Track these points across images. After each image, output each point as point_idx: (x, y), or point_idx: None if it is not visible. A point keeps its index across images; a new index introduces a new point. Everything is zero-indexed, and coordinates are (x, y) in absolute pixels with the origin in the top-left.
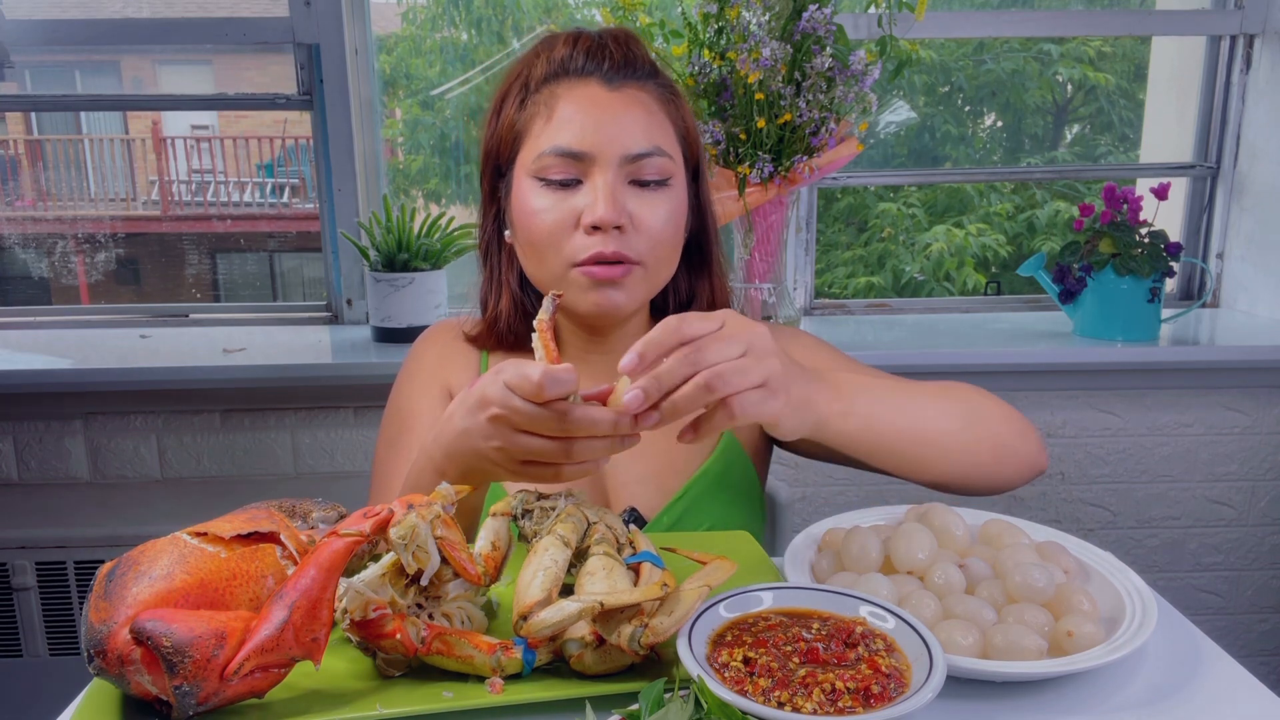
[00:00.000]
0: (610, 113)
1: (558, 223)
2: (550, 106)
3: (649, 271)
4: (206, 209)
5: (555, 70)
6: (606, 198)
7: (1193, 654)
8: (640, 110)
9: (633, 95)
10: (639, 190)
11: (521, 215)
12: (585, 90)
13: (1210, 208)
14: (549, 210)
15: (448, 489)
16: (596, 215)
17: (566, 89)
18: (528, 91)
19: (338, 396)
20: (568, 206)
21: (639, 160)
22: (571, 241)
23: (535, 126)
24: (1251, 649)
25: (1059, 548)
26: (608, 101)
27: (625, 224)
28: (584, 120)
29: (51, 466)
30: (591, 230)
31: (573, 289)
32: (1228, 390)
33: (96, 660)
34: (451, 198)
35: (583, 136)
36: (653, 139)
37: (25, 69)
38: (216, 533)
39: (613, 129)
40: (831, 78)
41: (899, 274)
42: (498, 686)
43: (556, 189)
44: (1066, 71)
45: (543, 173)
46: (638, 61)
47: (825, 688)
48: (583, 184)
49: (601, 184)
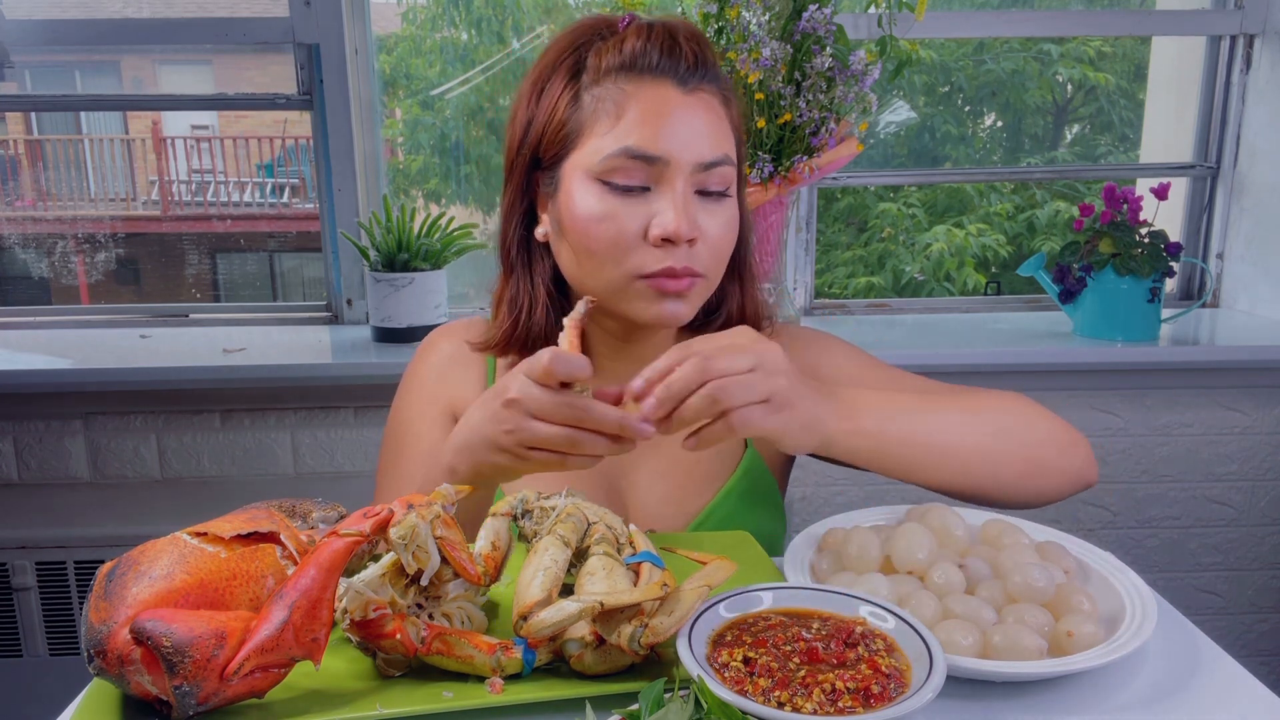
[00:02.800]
0: (685, 117)
1: (624, 233)
2: (619, 104)
3: (709, 283)
4: (206, 209)
5: (625, 64)
6: (680, 209)
7: (1193, 654)
8: (711, 115)
9: (704, 99)
10: (703, 200)
11: (577, 220)
12: (659, 90)
13: (1210, 208)
14: (613, 218)
15: (448, 489)
16: (670, 228)
17: (638, 87)
18: (582, 83)
19: (338, 396)
20: (634, 215)
21: (709, 169)
22: (637, 253)
23: (600, 124)
24: (1251, 649)
25: (1059, 548)
26: (682, 105)
27: (697, 237)
28: (657, 122)
29: (51, 466)
30: (661, 243)
31: (634, 299)
32: (1228, 390)
33: (96, 660)
34: (451, 198)
35: (656, 140)
36: (721, 147)
37: (25, 69)
38: (216, 533)
39: (687, 135)
40: (831, 78)
41: (899, 274)
42: (498, 686)
43: (621, 194)
44: (1066, 71)
45: (609, 175)
46: (709, 63)
47: (825, 688)
48: (650, 191)
49: (674, 194)
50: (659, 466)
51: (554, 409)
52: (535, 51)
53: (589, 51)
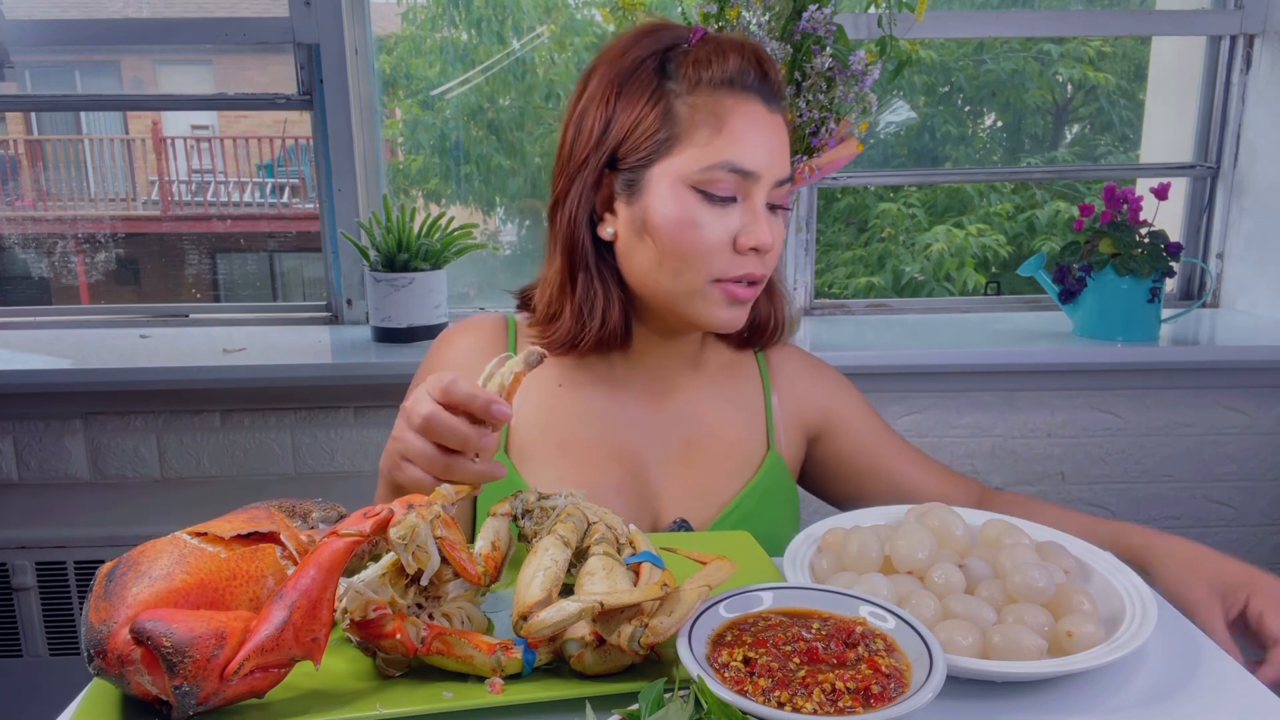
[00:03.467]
0: (772, 135)
1: (715, 239)
2: (719, 117)
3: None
4: (206, 209)
5: (727, 79)
6: (769, 221)
7: (1193, 654)
8: (785, 135)
9: (780, 120)
10: (770, 214)
11: (672, 224)
12: (752, 108)
13: (1210, 208)
14: (710, 226)
15: (448, 489)
16: (763, 239)
17: (736, 102)
18: (673, 90)
19: (338, 396)
20: (724, 224)
21: (782, 185)
22: (722, 258)
23: (699, 134)
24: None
25: (1059, 548)
26: (771, 123)
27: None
28: (755, 139)
29: (51, 466)
30: (748, 251)
31: (704, 302)
32: (1228, 390)
33: (96, 660)
34: (451, 198)
35: (754, 156)
36: (789, 165)
37: (25, 69)
38: (216, 533)
39: (775, 152)
40: (831, 78)
41: (899, 274)
42: (498, 686)
43: (715, 204)
44: (1066, 71)
45: (708, 185)
46: (781, 85)
47: (825, 688)
48: (736, 201)
49: (760, 206)
50: (688, 458)
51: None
52: (535, 51)
53: (673, 61)
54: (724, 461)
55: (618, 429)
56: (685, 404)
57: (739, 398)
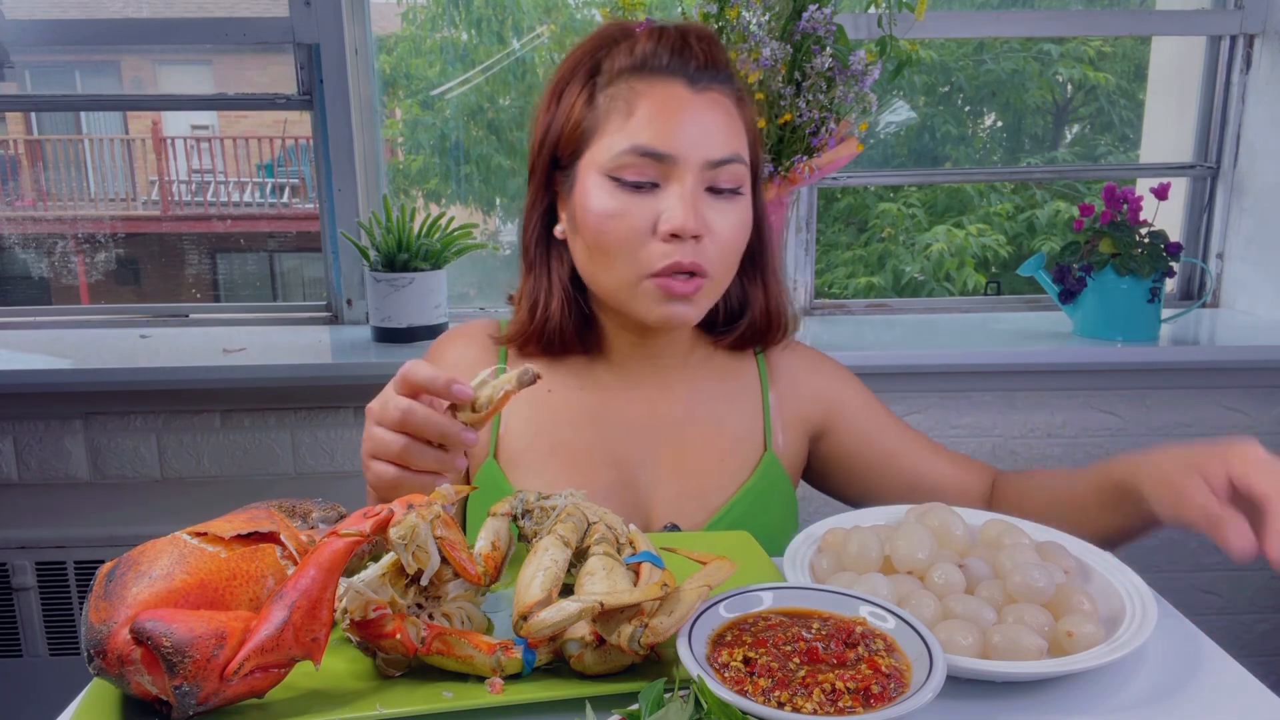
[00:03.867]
0: (694, 115)
1: (633, 228)
2: (630, 103)
3: (716, 284)
4: (206, 209)
5: (636, 65)
6: (687, 204)
7: (1193, 654)
8: (722, 114)
9: (714, 98)
10: (713, 198)
11: (590, 216)
12: (668, 89)
13: (1210, 208)
14: (624, 214)
15: (448, 489)
16: (677, 223)
17: (648, 86)
18: (598, 83)
19: (338, 396)
20: (644, 211)
21: (718, 167)
22: (646, 248)
23: (611, 122)
24: (1251, 649)
25: (1059, 548)
26: (692, 103)
27: (704, 233)
28: (666, 120)
29: (51, 466)
30: (669, 238)
31: (641, 299)
32: (1228, 390)
33: (96, 660)
34: (451, 198)
35: (666, 137)
36: (731, 145)
37: (25, 69)
38: (216, 533)
39: (696, 132)
40: (831, 78)
41: (899, 274)
42: (498, 686)
43: (631, 191)
44: (1066, 71)
45: (619, 172)
46: (720, 63)
47: (825, 688)
48: (659, 188)
49: (682, 190)
50: (681, 462)
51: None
52: (535, 51)
53: (606, 56)
54: (717, 464)
55: (608, 433)
56: (678, 406)
57: (735, 399)
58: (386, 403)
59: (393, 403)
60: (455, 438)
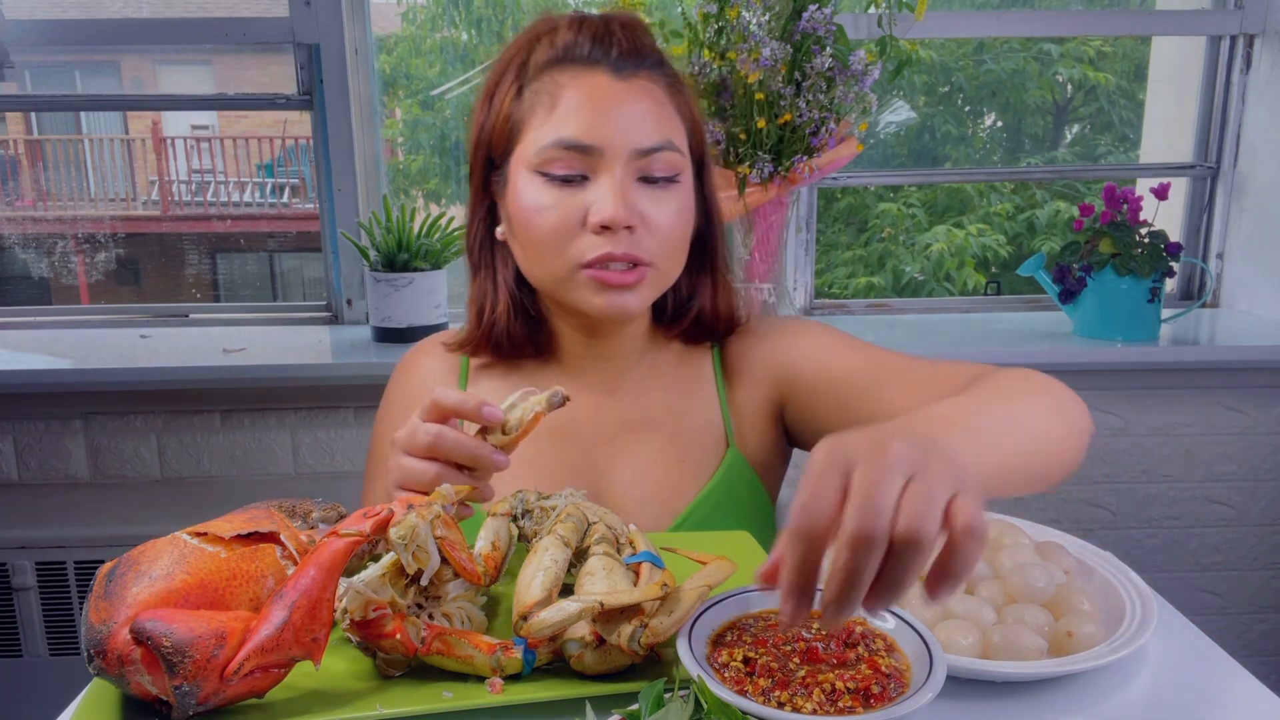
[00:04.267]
0: (619, 104)
1: (562, 221)
2: (553, 96)
3: (659, 273)
4: (206, 209)
5: (558, 56)
6: (615, 195)
7: (1193, 654)
8: (650, 102)
9: (642, 86)
10: (648, 187)
11: (521, 212)
12: (592, 79)
13: (1210, 208)
14: (552, 208)
15: (448, 489)
16: (606, 214)
17: (571, 77)
18: (525, 79)
19: (338, 396)
20: (573, 204)
21: (649, 155)
22: (578, 242)
23: (536, 117)
24: (1251, 649)
25: (1059, 548)
26: (616, 92)
27: (636, 223)
28: (591, 111)
29: (51, 466)
30: (600, 230)
31: (578, 290)
32: (1228, 390)
33: (96, 660)
34: (451, 198)
35: (590, 129)
36: (663, 133)
37: (25, 69)
38: (216, 533)
39: (622, 121)
40: (831, 78)
41: (899, 274)
42: (498, 686)
43: (560, 185)
44: (1066, 71)
45: (545, 167)
46: (646, 50)
47: (825, 688)
48: (589, 180)
49: (610, 181)
50: (640, 467)
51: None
52: None
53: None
54: (677, 466)
55: (564, 442)
56: (633, 408)
57: (692, 397)
58: (415, 430)
59: (422, 429)
60: (486, 460)
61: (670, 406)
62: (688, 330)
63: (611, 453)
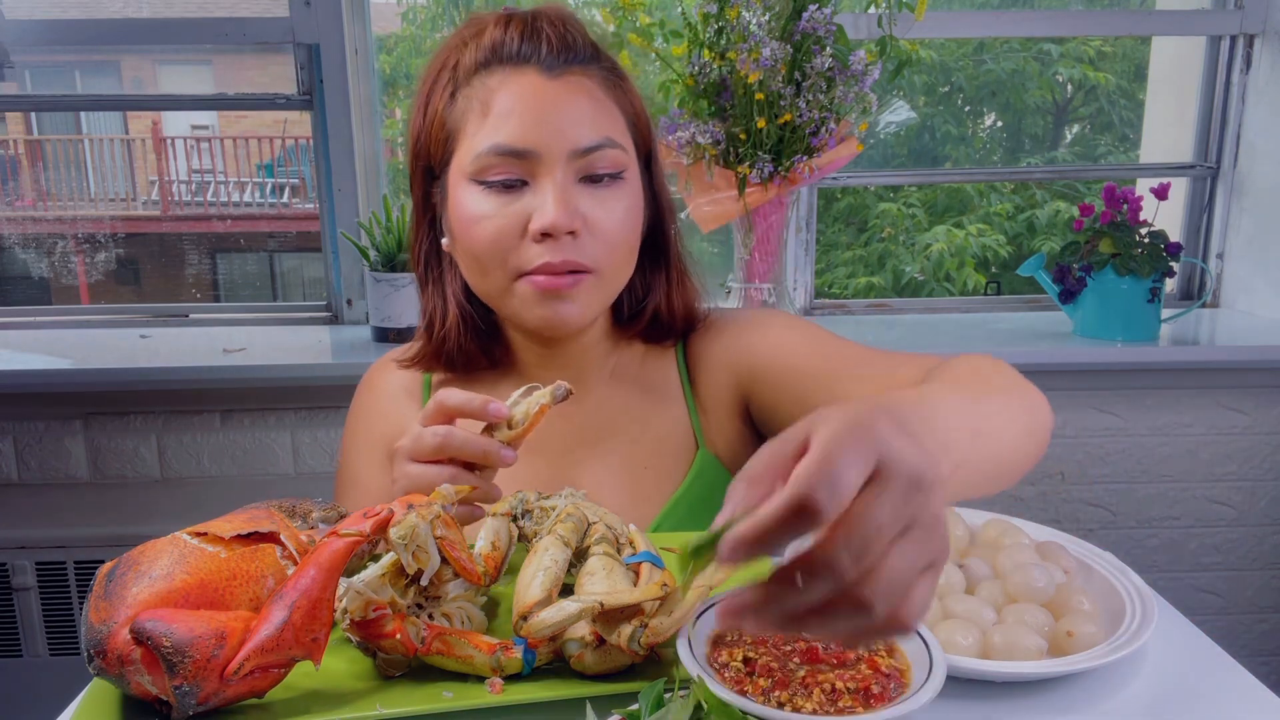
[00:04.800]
0: (553, 104)
1: (502, 230)
2: (484, 101)
3: (604, 279)
4: (206, 209)
5: (486, 58)
6: (556, 200)
7: (1193, 654)
8: (585, 99)
9: (576, 82)
10: (591, 187)
11: (461, 223)
12: (522, 80)
13: (1210, 208)
14: (491, 217)
15: (448, 489)
16: (546, 221)
17: (501, 80)
18: (457, 83)
19: (338, 396)
20: (513, 211)
21: (589, 154)
22: (519, 251)
23: (470, 124)
24: (1251, 649)
25: (1059, 548)
26: (549, 91)
27: (579, 227)
28: (524, 114)
29: (51, 466)
30: (541, 237)
31: (518, 301)
32: (1228, 390)
33: (96, 660)
34: None
35: (524, 132)
36: (602, 130)
37: (25, 69)
38: (216, 533)
39: (558, 122)
40: (831, 78)
41: (899, 274)
42: (498, 686)
43: (499, 192)
44: (1066, 71)
45: (482, 175)
46: (577, 44)
47: (825, 688)
48: (528, 185)
49: (550, 184)
50: (605, 474)
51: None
52: None
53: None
54: (644, 473)
55: (534, 452)
56: (597, 417)
57: (658, 401)
58: (420, 435)
59: (428, 432)
60: (495, 456)
61: (635, 411)
62: (647, 330)
63: (575, 463)
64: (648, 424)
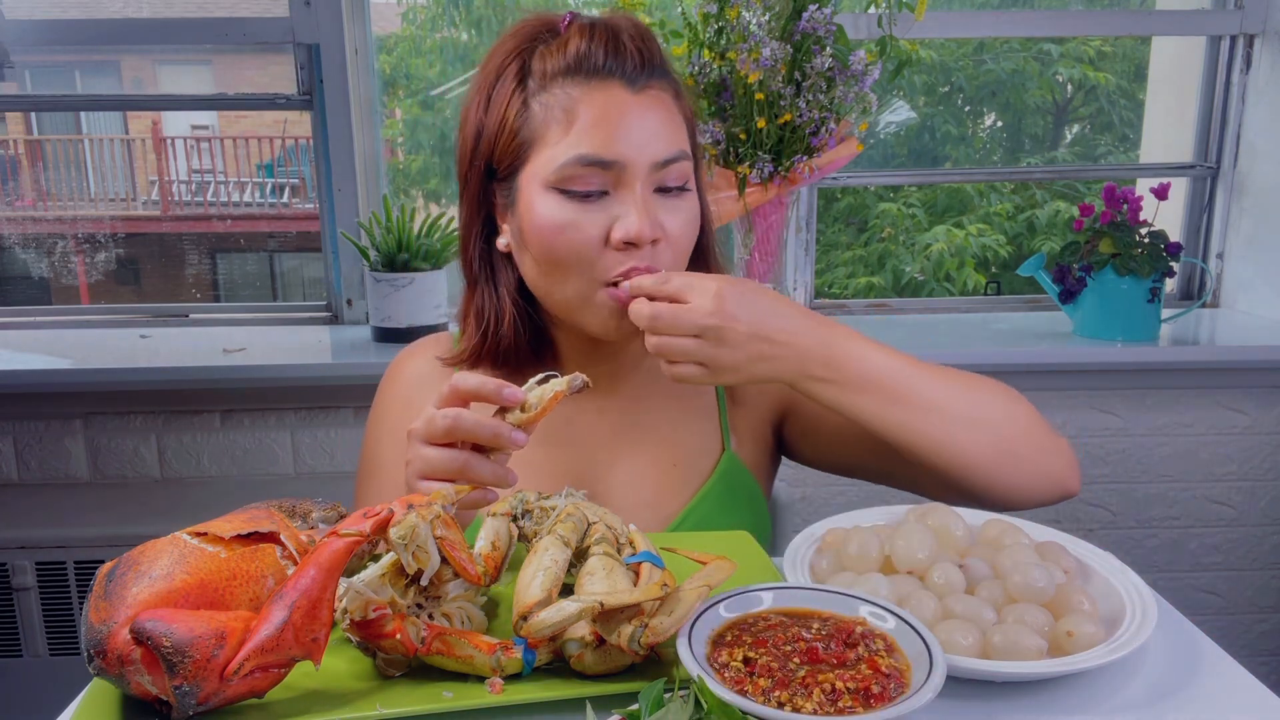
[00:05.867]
0: (637, 118)
1: (588, 240)
2: (569, 110)
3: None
4: (206, 209)
5: (570, 67)
6: (641, 211)
7: (1193, 654)
8: (663, 112)
9: (655, 97)
10: (663, 198)
11: (540, 230)
12: (608, 93)
13: (1210, 208)
14: (575, 226)
15: (448, 489)
16: (632, 230)
17: (585, 91)
18: (529, 89)
19: (338, 396)
20: (595, 220)
21: (666, 166)
22: (602, 259)
23: (551, 133)
24: (1251, 649)
25: (1059, 548)
26: (633, 106)
27: (660, 237)
28: (610, 126)
29: (51, 466)
30: (624, 246)
31: (597, 312)
32: (1228, 390)
33: (96, 660)
34: (451, 197)
35: (611, 144)
36: (676, 142)
37: (25, 69)
38: (216, 533)
39: (641, 135)
40: (831, 78)
41: (899, 274)
42: (498, 686)
43: (580, 201)
44: (1066, 71)
45: (565, 184)
46: (655, 59)
47: (825, 688)
48: (609, 195)
49: (633, 196)
50: (635, 469)
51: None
52: None
53: (533, 55)
54: (672, 470)
55: (562, 448)
56: (631, 414)
57: (689, 401)
58: (432, 418)
59: (439, 414)
60: (506, 438)
61: (667, 412)
62: None
63: (608, 457)
64: (678, 424)
